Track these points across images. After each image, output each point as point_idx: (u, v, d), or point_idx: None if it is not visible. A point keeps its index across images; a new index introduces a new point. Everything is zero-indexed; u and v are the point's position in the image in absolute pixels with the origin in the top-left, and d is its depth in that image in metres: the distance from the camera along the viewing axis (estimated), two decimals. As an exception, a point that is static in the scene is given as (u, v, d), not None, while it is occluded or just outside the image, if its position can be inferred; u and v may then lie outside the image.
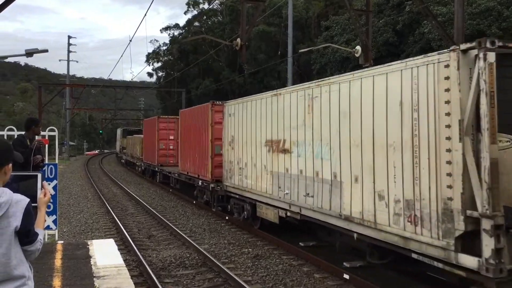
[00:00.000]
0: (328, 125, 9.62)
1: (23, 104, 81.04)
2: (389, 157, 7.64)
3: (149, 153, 30.43)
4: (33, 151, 7.66)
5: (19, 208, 2.66)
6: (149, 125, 31.59)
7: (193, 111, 20.19)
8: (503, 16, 20.88)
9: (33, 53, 16.55)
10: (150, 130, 29.80)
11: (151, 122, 30.55)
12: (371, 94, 8.11)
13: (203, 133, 17.96)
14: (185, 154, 21.03)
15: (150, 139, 29.53)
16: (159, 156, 27.42)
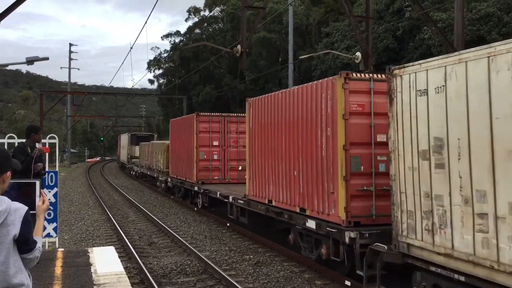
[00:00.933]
0: None
1: (24, 111, 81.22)
2: None
3: (181, 165, 22.37)
4: (34, 159, 7.66)
5: (18, 217, 2.66)
6: (180, 126, 23.05)
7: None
8: (503, 21, 20.93)
9: (33, 61, 16.60)
10: (183, 134, 22.04)
11: (185, 122, 22.04)
12: None
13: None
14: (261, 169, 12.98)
15: (183, 146, 21.84)
16: (199, 170, 19.77)
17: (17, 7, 12.12)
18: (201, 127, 19.98)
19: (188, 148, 20.88)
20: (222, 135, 20.04)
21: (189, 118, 21.25)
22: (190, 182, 20.62)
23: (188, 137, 21.03)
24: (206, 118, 20.12)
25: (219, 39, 57.68)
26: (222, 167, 20.03)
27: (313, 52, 32.09)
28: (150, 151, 31.74)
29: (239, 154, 19.65)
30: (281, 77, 47.11)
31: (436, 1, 24.13)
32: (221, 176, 19.99)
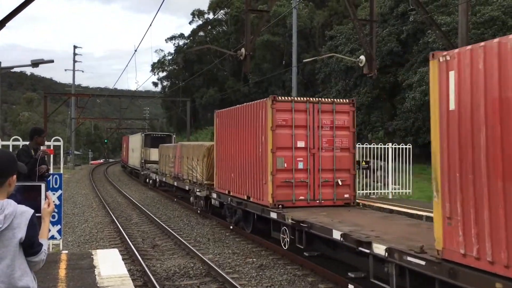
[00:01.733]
0: None
1: (28, 113, 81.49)
2: None
3: (238, 177, 15.27)
4: (37, 161, 7.69)
5: (24, 220, 2.67)
6: (236, 119, 15.65)
7: None
8: (508, 25, 20.91)
9: (39, 63, 16.67)
10: (244, 131, 14.91)
11: (248, 112, 14.65)
12: None
13: None
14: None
15: (244, 149, 14.81)
16: (277, 187, 12.91)
17: (23, 10, 12.17)
18: (279, 118, 12.97)
19: (254, 152, 13.97)
20: (310, 131, 13.22)
21: (258, 105, 13.82)
22: (259, 204, 13.53)
23: (253, 134, 14.02)
24: (287, 105, 13.15)
25: (223, 42, 57.81)
26: (311, 181, 13.20)
27: (316, 55, 32.13)
28: (178, 155, 23.64)
29: (335, 161, 13.38)
30: (285, 80, 47.17)
31: (440, 5, 24.12)
32: (309, 196, 13.18)
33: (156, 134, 39.73)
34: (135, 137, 43.88)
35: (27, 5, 12.15)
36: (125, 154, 51.68)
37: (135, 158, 41.78)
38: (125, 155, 52.68)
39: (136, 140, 41.41)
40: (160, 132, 43.52)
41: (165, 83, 71.79)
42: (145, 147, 36.78)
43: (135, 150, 41.38)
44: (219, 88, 57.43)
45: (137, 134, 43.69)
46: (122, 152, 57.94)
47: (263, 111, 13.27)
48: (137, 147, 40.03)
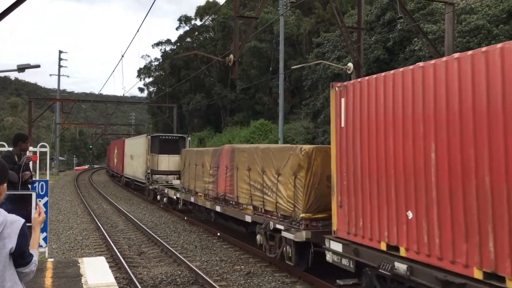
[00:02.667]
0: None
1: (13, 118, 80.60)
2: None
3: (436, 220, 6.74)
4: (21, 167, 7.59)
5: (14, 229, 2.60)
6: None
7: None
8: (493, 34, 21.16)
9: (25, 68, 16.47)
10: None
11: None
12: None
13: None
14: None
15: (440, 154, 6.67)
16: None
17: (8, 15, 12.03)
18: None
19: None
20: None
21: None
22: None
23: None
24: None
25: (210, 48, 57.82)
26: None
27: (303, 61, 32.21)
28: (225, 165, 15.52)
29: None
30: (272, 86, 47.23)
31: (426, 13, 24.37)
32: None
33: (166, 136, 29.67)
34: (136, 140, 33.97)
35: (13, 10, 12.01)
36: (116, 161, 43.78)
37: (136, 167, 32.27)
38: (115, 163, 45.07)
39: (138, 144, 31.66)
40: (171, 134, 32.60)
41: (152, 89, 71.53)
42: (152, 153, 28.20)
43: (137, 157, 31.97)
44: (206, 94, 57.38)
45: (139, 136, 34.03)
46: (110, 159, 51.58)
47: None
48: (139, 153, 30.76)
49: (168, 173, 27.25)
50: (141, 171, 29.97)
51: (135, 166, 32.82)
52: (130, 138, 39.37)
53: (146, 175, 28.29)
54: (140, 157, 30.51)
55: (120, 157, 40.83)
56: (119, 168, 41.26)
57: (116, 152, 44.35)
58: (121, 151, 40.09)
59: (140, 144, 30.68)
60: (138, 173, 31.16)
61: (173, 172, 26.74)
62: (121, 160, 39.33)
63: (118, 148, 42.75)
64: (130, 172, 34.90)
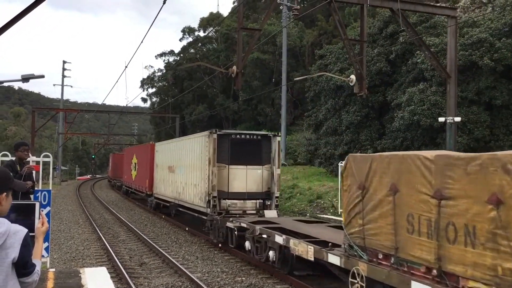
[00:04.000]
0: None
1: (16, 128, 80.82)
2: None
3: None
4: (22, 177, 7.61)
5: (17, 239, 2.60)
6: None
7: None
8: (495, 47, 21.21)
9: (29, 78, 16.56)
10: None
11: None
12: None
13: None
14: None
15: None
16: None
17: (13, 25, 12.13)
18: None
19: None
20: None
21: None
22: None
23: None
24: None
25: (213, 59, 58.06)
26: None
27: (306, 73, 32.35)
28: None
29: None
30: (274, 97, 47.38)
31: (429, 26, 24.46)
32: None
33: (242, 136, 17.88)
34: (184, 142, 21.21)
35: (18, 20, 12.12)
36: (137, 175, 32.67)
37: (183, 186, 20.57)
38: (134, 176, 33.78)
39: (190, 149, 19.89)
40: (249, 132, 19.64)
41: (155, 99, 71.73)
42: (220, 163, 16.92)
43: (187, 168, 19.98)
44: (209, 105, 57.53)
45: (191, 136, 20.98)
46: (124, 170, 39.84)
47: None
48: (192, 163, 19.33)
49: (246, 197, 16.93)
50: (196, 193, 18.46)
51: (181, 183, 20.85)
52: (167, 142, 26.30)
53: (207, 199, 16.86)
54: (194, 169, 18.83)
55: (144, 169, 29.61)
56: (143, 185, 29.41)
57: (136, 162, 33.11)
58: (146, 161, 28.77)
59: (194, 148, 19.05)
60: (189, 195, 19.45)
61: (255, 195, 16.95)
62: (147, 174, 28.06)
63: (140, 157, 31.60)
64: (169, 193, 23.14)
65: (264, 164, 16.99)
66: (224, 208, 16.55)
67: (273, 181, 16.95)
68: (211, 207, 16.48)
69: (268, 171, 17.01)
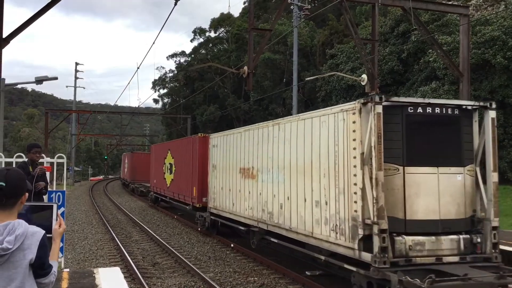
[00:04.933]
0: None
1: (29, 129, 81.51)
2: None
3: None
4: (35, 178, 7.69)
5: (34, 241, 2.64)
6: None
7: None
8: (508, 45, 21.02)
9: (43, 80, 16.72)
10: None
11: None
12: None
13: None
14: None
15: None
16: None
17: (27, 27, 12.26)
18: None
19: None
20: None
21: None
22: None
23: None
24: None
25: (224, 59, 58.14)
26: None
27: (317, 73, 32.26)
28: None
29: None
30: (285, 97, 47.31)
31: (441, 24, 24.30)
32: None
33: (430, 110, 8.95)
34: (290, 126, 11.98)
35: (32, 23, 12.25)
36: (173, 179, 24.79)
37: (289, 206, 11.80)
38: (169, 182, 25.81)
39: (309, 135, 10.86)
40: (438, 101, 9.79)
41: (166, 100, 71.97)
42: (387, 163, 8.70)
43: (286, 174, 12.09)
44: (220, 105, 57.61)
45: (317, 112, 10.89)
46: (153, 173, 30.86)
47: None
48: (308, 163, 10.88)
49: (440, 230, 8.89)
50: (322, 219, 10.27)
51: (274, 197, 12.88)
52: (235, 131, 16.97)
53: (361, 234, 8.81)
54: (314, 174, 10.67)
55: (188, 172, 21.43)
56: (187, 193, 21.47)
57: (173, 162, 24.92)
58: (191, 160, 21.09)
59: (317, 135, 10.58)
60: (299, 220, 11.35)
61: (454, 224, 9.06)
62: (195, 179, 20.41)
63: (181, 155, 23.18)
64: (243, 209, 15.13)
65: (465, 164, 9.23)
66: (400, 252, 8.48)
67: (484, 195, 9.25)
68: (378, 250, 8.28)
69: (472, 176, 9.31)
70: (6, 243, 2.55)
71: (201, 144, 20.19)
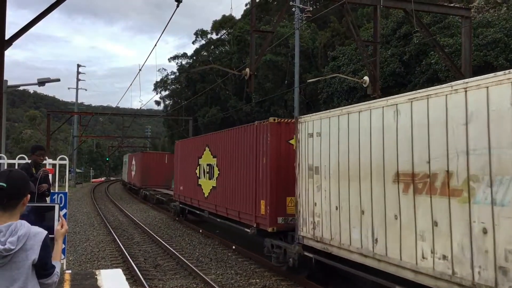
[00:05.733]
0: None
1: (31, 131, 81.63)
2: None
3: None
4: (38, 180, 7.69)
5: (37, 241, 2.65)
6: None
7: None
8: (510, 47, 21.02)
9: (45, 82, 16.74)
10: None
11: None
12: None
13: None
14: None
15: None
16: None
17: (30, 29, 12.28)
18: None
19: None
20: None
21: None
22: None
23: None
24: None
25: (226, 61, 58.19)
26: None
27: (319, 75, 32.26)
28: None
29: None
30: (287, 99, 47.33)
31: (443, 27, 24.30)
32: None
33: None
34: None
35: (34, 24, 12.27)
36: (196, 183, 20.68)
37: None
38: (189, 187, 21.98)
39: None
40: None
41: (168, 102, 72.01)
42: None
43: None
44: (221, 107, 57.63)
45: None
46: (181, 179, 23.98)
47: None
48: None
49: None
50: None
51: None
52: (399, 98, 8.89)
53: None
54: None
55: (247, 179, 14.75)
56: (246, 210, 14.59)
57: (215, 163, 18.32)
58: (256, 158, 14.06)
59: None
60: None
61: None
62: (263, 187, 13.44)
63: (236, 151, 16.14)
64: (427, 263, 7.17)
65: None
66: None
67: None
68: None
69: None
70: (9, 244, 2.56)
71: (274, 135, 13.16)
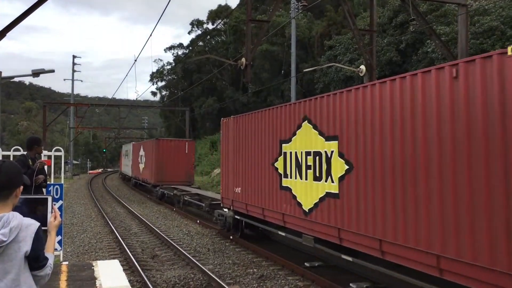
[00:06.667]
0: None
1: (27, 123, 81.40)
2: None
3: None
4: (35, 171, 7.65)
5: (29, 233, 2.62)
6: None
7: None
8: (507, 35, 20.98)
9: (39, 73, 16.64)
10: None
11: None
12: None
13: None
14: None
15: None
16: None
17: (22, 20, 12.19)
18: None
19: None
20: None
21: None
22: None
23: None
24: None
25: (222, 51, 57.99)
26: None
27: (315, 64, 32.19)
28: None
29: None
30: (284, 89, 47.23)
31: (439, 15, 24.23)
32: None
33: None
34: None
35: (27, 15, 12.18)
36: (266, 180, 13.00)
37: None
38: (255, 185, 13.78)
39: None
40: None
41: (164, 93, 71.85)
42: None
43: None
44: (218, 98, 57.53)
45: None
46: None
47: None
48: None
49: None
50: None
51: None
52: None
53: None
54: None
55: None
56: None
57: (326, 149, 10.00)
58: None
59: None
60: None
61: None
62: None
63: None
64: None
65: None
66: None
67: None
68: None
69: None
70: (1, 236, 2.54)
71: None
